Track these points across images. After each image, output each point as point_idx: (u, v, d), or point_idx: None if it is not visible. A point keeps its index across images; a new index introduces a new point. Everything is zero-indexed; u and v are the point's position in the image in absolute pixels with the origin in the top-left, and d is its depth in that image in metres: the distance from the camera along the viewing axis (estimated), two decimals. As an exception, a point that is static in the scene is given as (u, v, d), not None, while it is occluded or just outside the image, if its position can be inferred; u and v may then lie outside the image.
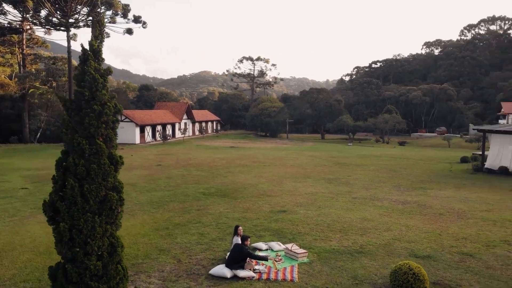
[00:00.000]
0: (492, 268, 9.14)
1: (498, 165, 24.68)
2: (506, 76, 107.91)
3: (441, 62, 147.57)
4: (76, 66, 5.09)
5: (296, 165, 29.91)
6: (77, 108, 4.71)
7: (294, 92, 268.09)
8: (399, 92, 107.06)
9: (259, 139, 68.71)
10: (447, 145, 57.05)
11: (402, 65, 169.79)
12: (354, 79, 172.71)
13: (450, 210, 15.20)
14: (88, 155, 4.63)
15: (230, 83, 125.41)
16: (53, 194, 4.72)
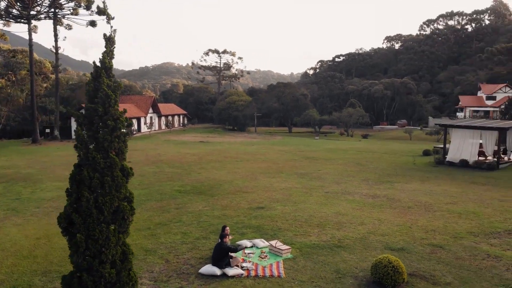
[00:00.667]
0: (461, 258, 9.93)
1: (458, 158, 26.13)
2: (463, 70, 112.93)
3: (402, 56, 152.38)
4: (88, 81, 5.20)
5: (268, 160, 30.40)
6: (89, 122, 4.83)
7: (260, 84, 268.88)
8: (361, 86, 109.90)
9: (227, 133, 68.82)
10: (408, 137, 59.38)
11: (364, 59, 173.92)
12: (318, 73, 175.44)
13: (417, 203, 16.11)
14: (102, 168, 4.78)
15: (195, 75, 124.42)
16: (68, 206, 4.84)
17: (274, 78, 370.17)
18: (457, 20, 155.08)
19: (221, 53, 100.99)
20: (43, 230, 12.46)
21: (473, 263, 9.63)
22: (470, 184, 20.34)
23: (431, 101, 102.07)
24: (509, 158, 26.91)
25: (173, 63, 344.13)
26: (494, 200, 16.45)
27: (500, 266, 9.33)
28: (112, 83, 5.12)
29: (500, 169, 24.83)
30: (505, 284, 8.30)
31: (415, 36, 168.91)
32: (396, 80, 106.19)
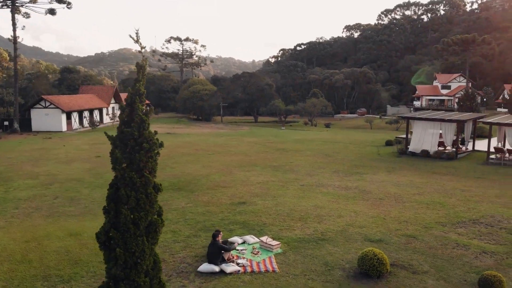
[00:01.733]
0: (434, 248, 10.97)
1: (420, 148, 27.76)
2: (419, 60, 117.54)
3: (361, 46, 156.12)
4: (122, 106, 5.48)
5: (240, 152, 30.91)
6: (125, 145, 5.14)
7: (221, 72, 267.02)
8: (323, 76, 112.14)
9: (193, 123, 68.58)
10: (369, 126, 61.62)
11: (325, 48, 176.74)
12: (280, 62, 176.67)
13: (387, 194, 17.23)
14: (138, 187, 5.12)
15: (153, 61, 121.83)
16: (107, 223, 5.16)
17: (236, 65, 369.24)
18: (413, 10, 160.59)
19: (184, 41, 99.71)
20: (29, 232, 12.42)
21: (444, 252, 10.69)
22: (432, 175, 21.83)
23: (389, 90, 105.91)
24: (466, 148, 28.90)
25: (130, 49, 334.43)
26: (456, 190, 17.86)
27: (469, 254, 10.43)
28: (145, 108, 5.45)
29: (458, 158, 26.66)
30: (475, 271, 9.35)
31: (373, 26, 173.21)
32: (356, 70, 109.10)
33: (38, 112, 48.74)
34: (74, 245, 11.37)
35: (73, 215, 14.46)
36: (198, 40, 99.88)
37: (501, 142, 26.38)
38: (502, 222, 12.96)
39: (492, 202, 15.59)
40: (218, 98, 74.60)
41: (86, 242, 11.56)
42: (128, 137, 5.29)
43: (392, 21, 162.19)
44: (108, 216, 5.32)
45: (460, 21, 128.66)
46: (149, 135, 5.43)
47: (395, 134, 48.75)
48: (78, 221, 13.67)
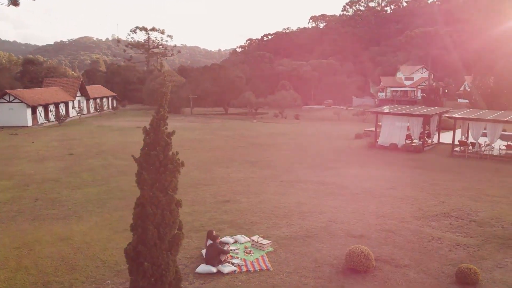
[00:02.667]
0: (412, 242, 11.85)
1: (389, 142, 29.02)
2: (383, 51, 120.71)
3: (326, 37, 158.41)
4: (147, 130, 5.75)
5: (216, 147, 31.20)
6: (151, 166, 5.44)
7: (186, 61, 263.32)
8: (291, 67, 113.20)
9: (161, 116, 67.79)
10: (337, 118, 63.15)
11: (291, 38, 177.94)
12: (247, 52, 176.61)
13: (363, 189, 18.11)
14: (163, 205, 5.44)
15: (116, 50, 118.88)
16: (135, 240, 5.46)
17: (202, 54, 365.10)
18: (377, 2, 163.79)
19: (149, 31, 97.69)
20: (18, 238, 12.38)
21: (422, 245, 11.58)
22: (402, 168, 23.00)
23: (355, 81, 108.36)
24: (432, 141, 30.45)
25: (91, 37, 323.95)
26: (426, 183, 19.01)
27: (444, 247, 11.36)
28: (169, 132, 5.78)
29: (425, 151, 28.10)
30: (451, 263, 10.26)
31: (338, 17, 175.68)
32: (323, 61, 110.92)
33: (2, 107, 46.94)
34: (67, 250, 11.47)
35: (57, 218, 14.44)
36: (164, 30, 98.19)
37: (464, 136, 28.02)
38: (470, 215, 14.07)
39: (460, 195, 16.76)
40: (187, 90, 73.99)
41: (79, 247, 11.69)
42: (154, 159, 5.62)
43: (356, 13, 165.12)
44: (136, 233, 5.64)
45: (421, 13, 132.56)
46: (172, 157, 5.78)
47: (362, 126, 50.32)
48: (65, 225, 13.69)
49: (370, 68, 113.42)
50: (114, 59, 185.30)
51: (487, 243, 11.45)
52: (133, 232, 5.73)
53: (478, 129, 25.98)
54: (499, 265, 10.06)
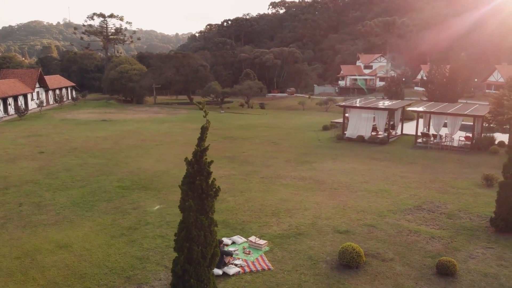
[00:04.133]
0: (392, 236, 13.08)
1: (356, 134, 30.53)
2: (342, 39, 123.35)
3: (286, 23, 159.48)
4: (191, 162, 6.29)
5: (189, 142, 31.41)
6: (195, 194, 6.01)
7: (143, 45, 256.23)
8: (253, 55, 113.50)
9: (125, 106, 66.59)
10: (301, 107, 64.64)
11: (252, 25, 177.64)
12: (208, 38, 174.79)
13: (339, 184, 19.29)
14: (205, 227, 6.03)
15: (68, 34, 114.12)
16: (182, 259, 6.03)
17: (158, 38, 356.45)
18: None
19: (108, 17, 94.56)
20: (15, 247, 12.48)
21: (401, 239, 12.83)
22: (372, 160, 24.48)
23: (315, 69, 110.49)
24: (396, 133, 32.29)
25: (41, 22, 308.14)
26: (396, 176, 20.48)
27: (421, 240, 12.66)
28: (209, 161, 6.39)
29: (390, 142, 29.83)
30: (430, 255, 11.53)
31: (298, 3, 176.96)
32: (285, 49, 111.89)
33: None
34: (70, 258, 11.76)
35: (49, 224, 14.53)
36: (123, 16, 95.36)
37: (426, 127, 29.98)
38: (440, 208, 15.55)
39: (428, 188, 18.30)
40: (149, 79, 72.82)
41: (81, 254, 12.00)
42: (198, 187, 6.21)
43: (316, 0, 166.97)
44: (182, 254, 6.23)
45: (379, 1, 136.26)
46: (212, 184, 6.40)
47: (327, 116, 52.06)
48: (59, 231, 13.85)
49: (330, 56, 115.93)
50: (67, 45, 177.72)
51: (459, 235, 12.87)
52: (179, 253, 6.32)
53: (440, 122, 27.92)
54: (471, 255, 11.44)
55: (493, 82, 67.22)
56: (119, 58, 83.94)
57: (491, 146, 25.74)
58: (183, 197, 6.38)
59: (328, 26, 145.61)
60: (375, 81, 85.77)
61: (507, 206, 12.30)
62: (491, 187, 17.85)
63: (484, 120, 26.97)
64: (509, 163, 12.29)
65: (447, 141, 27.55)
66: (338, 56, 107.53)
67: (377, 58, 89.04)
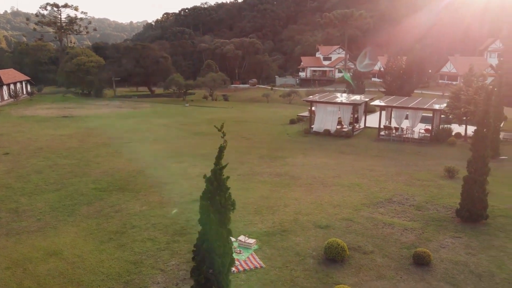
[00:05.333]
0: (369, 229, 14.09)
1: (323, 128, 31.69)
2: (301, 30, 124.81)
3: (245, 13, 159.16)
4: (211, 178, 6.72)
5: (159, 139, 31.44)
6: (213, 207, 6.50)
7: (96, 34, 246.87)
8: (214, 45, 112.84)
9: (84, 100, 64.70)
10: (265, 99, 65.44)
11: (210, 14, 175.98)
12: (165, 27, 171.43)
13: (314, 179, 20.20)
14: (224, 238, 6.56)
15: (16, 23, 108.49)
16: (204, 270, 6.49)
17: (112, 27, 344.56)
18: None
19: (62, 7, 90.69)
20: (3, 257, 12.38)
21: (378, 232, 13.87)
22: (340, 154, 25.65)
23: (276, 60, 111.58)
24: (359, 126, 33.76)
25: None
26: (364, 170, 21.68)
27: (396, 232, 13.76)
28: (226, 177, 6.89)
29: (354, 135, 31.22)
30: (405, 247, 12.62)
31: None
32: (246, 40, 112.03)
33: None
34: (63, 265, 11.88)
35: (32, 231, 14.43)
36: (78, 6, 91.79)
37: (388, 120, 31.59)
38: (409, 200, 16.80)
39: (395, 180, 19.59)
40: (108, 72, 70.93)
41: (73, 261, 12.13)
42: (217, 203, 6.70)
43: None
44: (204, 263, 6.71)
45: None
46: (229, 197, 6.93)
47: (291, 108, 53.20)
48: (44, 238, 13.81)
49: (290, 46, 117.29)
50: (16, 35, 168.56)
51: (429, 226, 14.09)
52: (200, 263, 6.80)
53: (401, 115, 29.55)
54: (442, 245, 12.65)
55: (446, 72, 71.05)
56: (75, 50, 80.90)
57: (449, 138, 27.63)
58: (203, 212, 6.87)
59: (287, 16, 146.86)
60: (334, 72, 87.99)
61: (471, 198, 13.61)
62: (452, 178, 19.40)
63: (442, 113, 28.81)
64: (472, 160, 13.57)
65: (408, 134, 29.24)
66: (298, 47, 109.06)
67: (336, 50, 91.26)
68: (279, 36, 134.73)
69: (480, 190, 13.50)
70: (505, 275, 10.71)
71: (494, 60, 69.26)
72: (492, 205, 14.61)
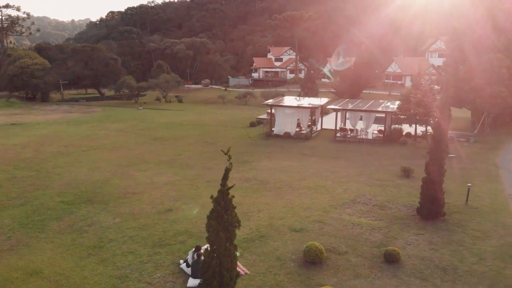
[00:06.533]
0: (340, 230, 15.05)
1: (283, 131, 32.67)
2: (252, 30, 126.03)
3: (194, 12, 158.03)
4: (217, 199, 7.12)
5: (117, 146, 30.87)
6: (222, 225, 6.91)
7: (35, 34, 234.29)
8: (164, 45, 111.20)
9: (30, 106, 61.70)
10: (220, 101, 65.71)
11: (158, 12, 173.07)
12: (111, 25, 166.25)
13: (281, 183, 20.96)
14: (231, 254, 7.01)
15: None
16: (216, 284, 6.87)
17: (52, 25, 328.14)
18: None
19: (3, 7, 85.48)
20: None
21: (348, 232, 14.87)
22: (302, 157, 26.66)
23: (228, 60, 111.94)
24: (316, 128, 35.12)
25: None
26: (327, 172, 22.79)
27: (365, 232, 14.83)
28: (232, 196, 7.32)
29: (313, 137, 32.48)
30: (375, 245, 13.68)
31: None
32: (196, 40, 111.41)
33: None
34: (46, 285, 11.76)
35: (5, 250, 14.03)
36: (20, 6, 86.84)
37: (343, 122, 33.15)
38: (372, 200, 18.01)
39: (357, 181, 20.83)
40: (54, 74, 67.94)
41: (56, 280, 12.03)
42: (225, 221, 7.17)
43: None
44: (215, 278, 7.14)
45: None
46: (235, 216, 7.43)
47: (248, 110, 53.96)
48: (20, 257, 13.48)
49: (241, 47, 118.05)
50: None
51: (393, 224, 15.30)
52: (211, 279, 7.23)
53: (356, 116, 31.16)
54: (407, 242, 13.85)
55: (391, 72, 75.00)
56: (18, 52, 76.71)
57: (400, 138, 29.56)
58: (212, 230, 7.32)
59: (237, 16, 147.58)
60: (286, 73, 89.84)
61: (430, 197, 14.97)
62: (409, 177, 20.97)
63: (394, 114, 30.71)
64: (430, 162, 14.92)
65: (363, 135, 30.91)
66: (249, 47, 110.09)
67: (287, 51, 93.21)
68: (230, 36, 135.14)
69: (437, 190, 14.88)
70: (466, 268, 12.03)
71: (435, 60, 74.15)
72: (447, 202, 16.11)
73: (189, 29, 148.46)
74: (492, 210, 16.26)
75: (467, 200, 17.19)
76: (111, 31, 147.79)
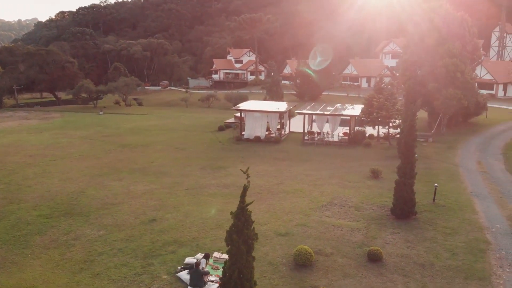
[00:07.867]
0: (323, 232, 15.93)
1: (253, 135, 33.38)
2: (209, 31, 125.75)
3: (149, 12, 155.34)
4: (236, 215, 7.62)
5: (85, 155, 30.29)
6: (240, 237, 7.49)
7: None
8: (120, 46, 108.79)
9: (-19, 112, 58.45)
10: (183, 104, 65.39)
11: (111, 12, 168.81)
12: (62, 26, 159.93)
13: (260, 188, 21.62)
14: (250, 266, 7.58)
15: None
16: None
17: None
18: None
19: None
20: None
21: (331, 234, 15.81)
22: (276, 161, 27.45)
23: (186, 61, 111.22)
24: (285, 132, 36.11)
25: None
26: (302, 175, 23.73)
27: (345, 233, 15.82)
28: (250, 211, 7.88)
29: (282, 141, 33.42)
30: (357, 246, 14.69)
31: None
32: (153, 41, 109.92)
33: None
34: (44, 303, 11.76)
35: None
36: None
37: (310, 126, 34.36)
38: (347, 202, 19.10)
39: (330, 184, 21.91)
40: (6, 79, 64.84)
41: (53, 297, 12.05)
42: (245, 235, 7.74)
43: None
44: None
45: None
46: (253, 229, 8.02)
47: (212, 113, 54.20)
48: (10, 275, 13.34)
49: (199, 48, 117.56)
50: None
51: (371, 225, 16.42)
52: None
53: (322, 120, 32.44)
54: (386, 241, 14.98)
55: (348, 74, 77.73)
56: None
57: (364, 140, 31.13)
58: (233, 244, 7.87)
59: (193, 17, 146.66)
60: (247, 75, 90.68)
61: (402, 198, 16.22)
62: (377, 178, 22.33)
63: (357, 117, 32.24)
64: (402, 166, 16.17)
65: (329, 137, 32.24)
66: (208, 48, 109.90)
67: (246, 53, 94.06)
68: (187, 36, 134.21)
69: (409, 191, 16.16)
70: (442, 263, 13.29)
71: (389, 61, 77.68)
72: (417, 202, 17.46)
73: (144, 29, 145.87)
74: (458, 208, 17.81)
75: (434, 199, 18.68)
76: (62, 32, 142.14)
